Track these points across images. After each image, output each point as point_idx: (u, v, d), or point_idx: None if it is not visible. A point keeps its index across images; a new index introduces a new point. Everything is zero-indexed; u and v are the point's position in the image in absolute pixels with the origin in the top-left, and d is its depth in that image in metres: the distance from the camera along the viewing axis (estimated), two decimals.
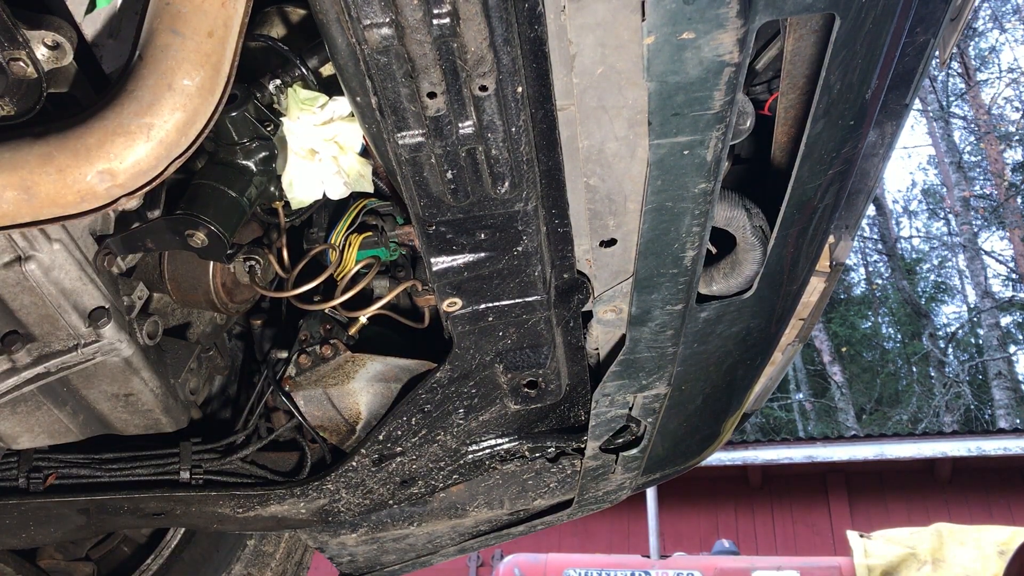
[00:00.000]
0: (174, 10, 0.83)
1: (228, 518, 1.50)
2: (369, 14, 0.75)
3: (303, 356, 1.34)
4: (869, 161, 1.27)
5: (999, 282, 18.17)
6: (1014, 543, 4.73)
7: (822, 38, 0.90)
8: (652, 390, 1.32)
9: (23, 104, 0.93)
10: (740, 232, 1.14)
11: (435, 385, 1.26)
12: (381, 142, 0.93)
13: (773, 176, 1.10)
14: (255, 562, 2.17)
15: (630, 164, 0.96)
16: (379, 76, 0.81)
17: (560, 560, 5.85)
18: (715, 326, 1.25)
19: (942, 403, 15.78)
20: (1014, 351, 17.34)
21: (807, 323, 1.57)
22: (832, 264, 1.42)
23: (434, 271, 1.04)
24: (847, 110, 0.94)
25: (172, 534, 1.99)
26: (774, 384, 1.80)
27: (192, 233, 1.13)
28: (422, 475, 1.46)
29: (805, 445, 8.16)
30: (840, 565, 5.43)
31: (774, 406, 17.70)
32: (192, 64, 0.85)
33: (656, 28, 0.80)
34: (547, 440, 1.45)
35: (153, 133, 0.86)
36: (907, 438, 8.16)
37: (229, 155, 1.17)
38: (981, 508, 7.87)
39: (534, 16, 0.79)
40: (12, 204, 0.88)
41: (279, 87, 1.15)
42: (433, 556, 1.80)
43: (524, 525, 1.71)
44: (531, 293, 1.09)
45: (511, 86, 0.83)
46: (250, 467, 1.48)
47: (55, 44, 0.93)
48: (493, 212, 0.97)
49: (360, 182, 1.17)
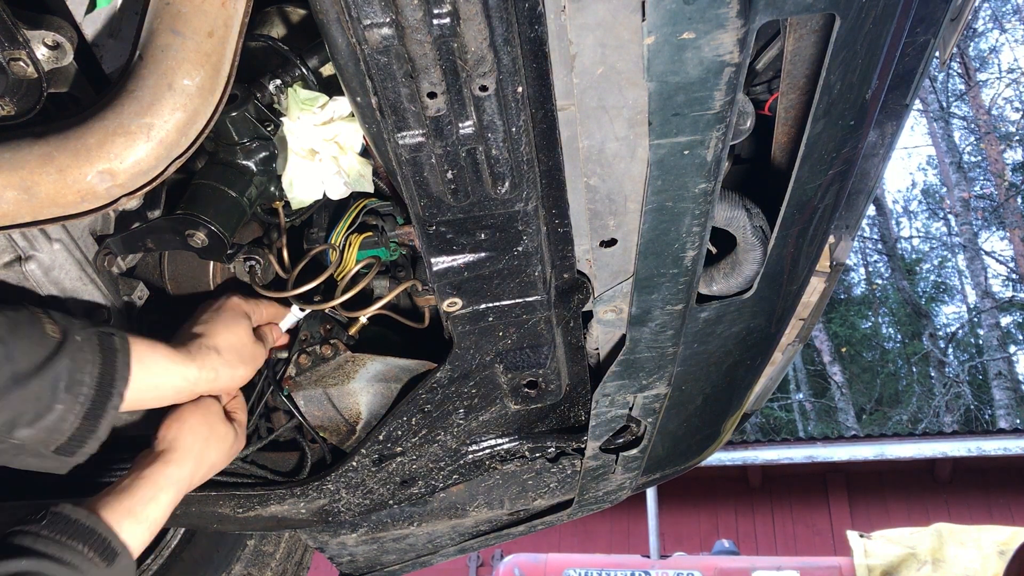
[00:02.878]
0: (174, 10, 0.83)
1: (228, 518, 1.50)
2: (369, 14, 0.75)
3: (303, 356, 1.34)
4: (869, 161, 1.27)
5: (999, 282, 18.19)
6: (1014, 543, 4.73)
7: (822, 38, 0.90)
8: (652, 390, 1.32)
9: (23, 104, 0.93)
10: (740, 232, 1.14)
11: (435, 385, 1.26)
12: (381, 142, 0.93)
13: (773, 176, 1.10)
14: (255, 562, 2.17)
15: (630, 164, 0.96)
16: (379, 76, 0.81)
17: (560, 560, 5.86)
18: (715, 326, 1.25)
19: (942, 403, 15.79)
20: (1014, 351, 17.35)
21: (807, 323, 1.57)
22: (832, 264, 1.42)
23: (434, 271, 1.04)
24: (847, 110, 0.94)
25: (172, 534, 1.99)
26: (774, 384, 1.80)
27: (192, 233, 1.14)
28: (422, 475, 1.46)
29: (805, 445, 8.17)
30: (840, 565, 5.44)
31: (774, 406, 17.71)
32: (192, 64, 0.85)
33: (656, 28, 0.80)
34: (547, 440, 1.45)
35: (153, 133, 0.87)
36: (907, 438, 8.17)
37: (229, 155, 1.17)
38: (981, 508, 7.88)
39: (534, 16, 0.79)
40: (12, 204, 0.88)
41: (279, 87, 1.15)
42: (433, 556, 1.80)
43: (524, 525, 1.71)
44: (531, 293, 1.09)
45: (511, 86, 0.83)
46: (250, 467, 1.48)
47: (55, 44, 0.93)
48: (493, 212, 0.97)
49: (360, 182, 1.17)
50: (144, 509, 1.08)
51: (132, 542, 1.05)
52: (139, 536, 1.06)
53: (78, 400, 0.99)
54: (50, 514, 1.01)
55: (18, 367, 0.95)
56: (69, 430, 1.00)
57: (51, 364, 0.97)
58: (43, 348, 0.97)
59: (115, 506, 1.05)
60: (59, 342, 0.99)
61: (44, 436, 0.99)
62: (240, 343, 1.24)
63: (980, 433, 8.87)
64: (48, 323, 0.99)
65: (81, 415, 1.00)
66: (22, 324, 0.97)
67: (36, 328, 0.98)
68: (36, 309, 1.00)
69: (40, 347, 0.97)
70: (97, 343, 1.02)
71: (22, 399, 0.95)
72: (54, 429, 0.99)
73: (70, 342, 0.99)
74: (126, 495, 1.07)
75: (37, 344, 0.97)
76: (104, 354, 1.02)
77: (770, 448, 8.12)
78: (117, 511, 1.05)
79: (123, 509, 1.06)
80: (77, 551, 0.98)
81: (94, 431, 1.02)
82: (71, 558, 0.97)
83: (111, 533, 1.03)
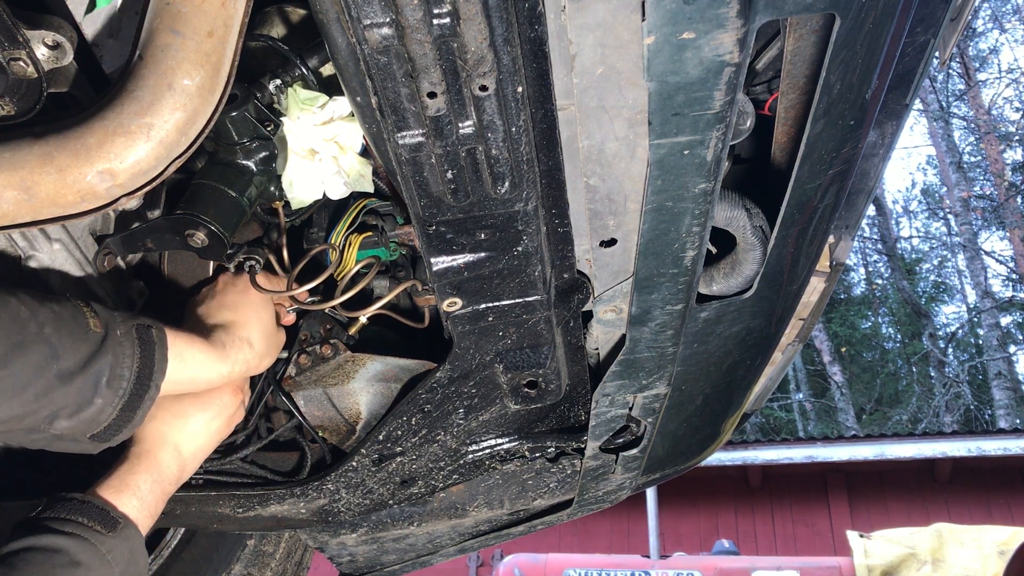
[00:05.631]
0: (174, 10, 0.83)
1: (228, 518, 1.50)
2: (369, 14, 0.75)
3: (303, 356, 1.34)
4: (869, 161, 1.27)
5: (999, 282, 18.19)
6: (1014, 543, 4.73)
7: (822, 38, 0.90)
8: (652, 390, 1.32)
9: (23, 104, 0.93)
10: (740, 232, 1.14)
11: (435, 385, 1.26)
12: (381, 142, 0.93)
13: (773, 176, 1.10)
14: (255, 562, 2.17)
15: (630, 164, 0.96)
16: (379, 76, 0.81)
17: (560, 560, 5.85)
18: (715, 326, 1.25)
19: (942, 403, 15.79)
20: (1014, 351, 17.34)
21: (807, 323, 1.57)
22: (832, 264, 1.42)
23: (434, 271, 1.04)
24: (847, 110, 0.94)
25: (172, 534, 1.99)
26: (774, 384, 1.80)
27: (192, 233, 1.14)
28: (422, 475, 1.46)
29: (805, 445, 8.16)
30: (840, 565, 5.44)
31: (774, 406, 17.71)
32: (192, 64, 0.85)
33: (656, 28, 0.80)
34: (547, 440, 1.45)
35: (153, 133, 0.87)
36: (907, 438, 8.16)
37: (229, 155, 1.17)
38: (981, 508, 7.88)
39: (534, 16, 0.79)
40: (12, 204, 0.88)
41: (279, 87, 1.15)
42: (433, 556, 1.80)
43: (524, 525, 1.71)
44: (531, 293, 1.09)
45: (511, 86, 0.83)
46: (250, 467, 1.48)
47: (55, 44, 0.93)
48: (493, 212, 0.97)
49: (360, 182, 1.17)
50: (135, 480, 1.13)
51: (132, 515, 1.09)
52: (137, 509, 1.10)
53: (117, 394, 1.02)
54: (46, 501, 1.05)
55: (63, 365, 0.97)
56: (106, 420, 1.04)
57: (95, 361, 1.00)
58: (88, 345, 0.99)
59: (105, 486, 1.10)
60: (102, 337, 1.01)
61: (83, 427, 1.02)
62: (270, 332, 1.27)
63: (980, 433, 8.87)
64: (91, 317, 1.01)
65: (119, 407, 1.03)
66: (66, 320, 0.98)
67: (80, 323, 1.00)
68: (79, 301, 1.02)
69: (85, 344, 0.99)
70: (136, 337, 1.05)
71: (65, 395, 0.98)
72: (92, 420, 1.02)
73: (111, 337, 1.02)
74: (115, 476, 1.12)
75: (81, 341, 0.99)
76: (143, 348, 1.05)
77: (770, 448, 8.12)
78: (109, 489, 1.10)
79: (114, 487, 1.10)
80: (78, 523, 1.02)
81: (131, 420, 1.06)
82: (72, 529, 1.01)
83: (108, 505, 1.07)
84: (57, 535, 0.99)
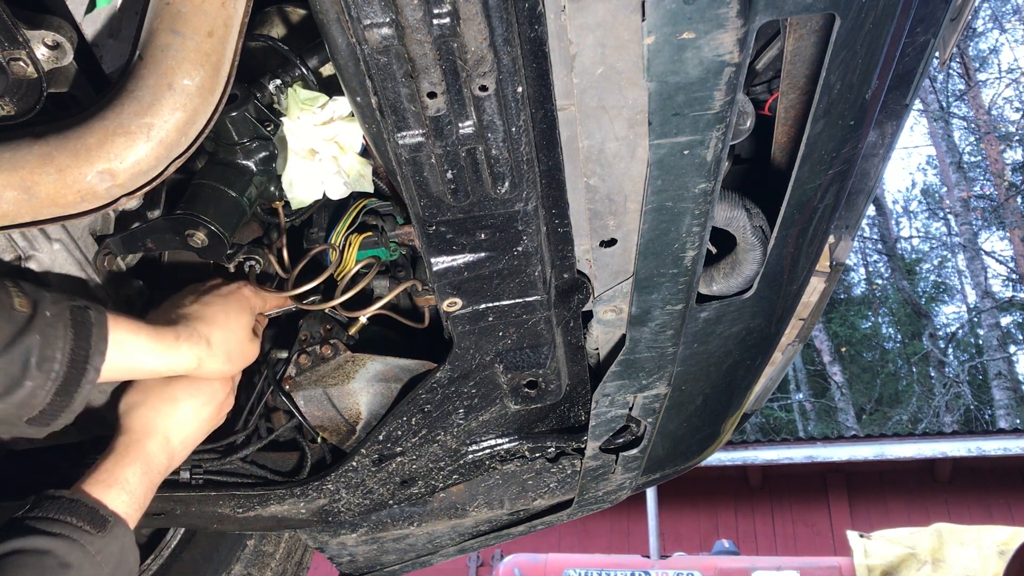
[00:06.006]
0: (174, 10, 0.83)
1: (228, 518, 1.50)
2: (369, 14, 0.75)
3: (303, 356, 1.34)
4: (869, 161, 1.27)
5: (999, 282, 18.19)
6: (1014, 543, 4.73)
7: (822, 38, 0.90)
8: (652, 390, 1.32)
9: (23, 104, 0.93)
10: (740, 232, 1.14)
11: (435, 385, 1.26)
12: (381, 142, 0.93)
13: (773, 176, 1.10)
14: (255, 562, 2.17)
15: (630, 164, 0.96)
16: (379, 76, 0.81)
17: (560, 560, 5.85)
18: (715, 326, 1.25)
19: (942, 403, 15.79)
20: (1014, 351, 17.34)
21: (807, 323, 1.57)
22: (832, 264, 1.42)
23: (434, 271, 1.04)
24: (847, 110, 0.94)
25: (172, 534, 1.99)
26: (774, 384, 1.80)
27: (192, 233, 1.14)
28: (422, 475, 1.46)
29: (805, 445, 8.16)
30: (840, 565, 5.44)
31: (774, 406, 17.71)
32: (192, 64, 0.85)
33: (656, 28, 0.80)
34: (547, 440, 1.45)
35: (153, 133, 0.87)
36: (907, 438, 8.16)
37: (229, 155, 1.17)
38: (981, 508, 7.88)
39: (534, 16, 0.79)
40: (12, 204, 0.88)
41: (279, 87, 1.15)
42: (433, 556, 1.80)
43: (524, 525, 1.71)
44: (531, 293, 1.09)
45: (511, 86, 0.83)
46: (250, 467, 1.48)
47: (55, 44, 0.93)
48: (493, 212, 0.97)
49: (360, 182, 1.17)
50: (123, 473, 1.10)
51: (121, 511, 1.07)
52: (126, 504, 1.08)
53: (49, 377, 0.99)
54: (34, 499, 1.03)
55: None
56: (41, 404, 1.00)
57: (19, 341, 0.96)
58: (11, 324, 0.96)
59: (93, 481, 1.08)
60: (29, 316, 0.97)
61: (15, 410, 0.99)
62: (235, 340, 1.22)
63: (980, 433, 8.87)
64: (18, 296, 0.98)
65: (53, 391, 1.00)
66: None
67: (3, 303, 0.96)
68: (7, 281, 0.99)
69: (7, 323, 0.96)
70: (69, 318, 1.01)
71: None
72: (24, 404, 0.99)
73: (40, 317, 0.98)
74: (103, 470, 1.10)
75: (5, 320, 0.96)
76: (77, 329, 1.01)
77: (770, 448, 8.12)
78: (97, 485, 1.07)
79: (102, 482, 1.08)
80: (66, 523, 1.00)
81: (68, 405, 1.02)
82: (60, 530, 0.99)
83: (98, 503, 1.05)
84: (46, 536, 0.97)
